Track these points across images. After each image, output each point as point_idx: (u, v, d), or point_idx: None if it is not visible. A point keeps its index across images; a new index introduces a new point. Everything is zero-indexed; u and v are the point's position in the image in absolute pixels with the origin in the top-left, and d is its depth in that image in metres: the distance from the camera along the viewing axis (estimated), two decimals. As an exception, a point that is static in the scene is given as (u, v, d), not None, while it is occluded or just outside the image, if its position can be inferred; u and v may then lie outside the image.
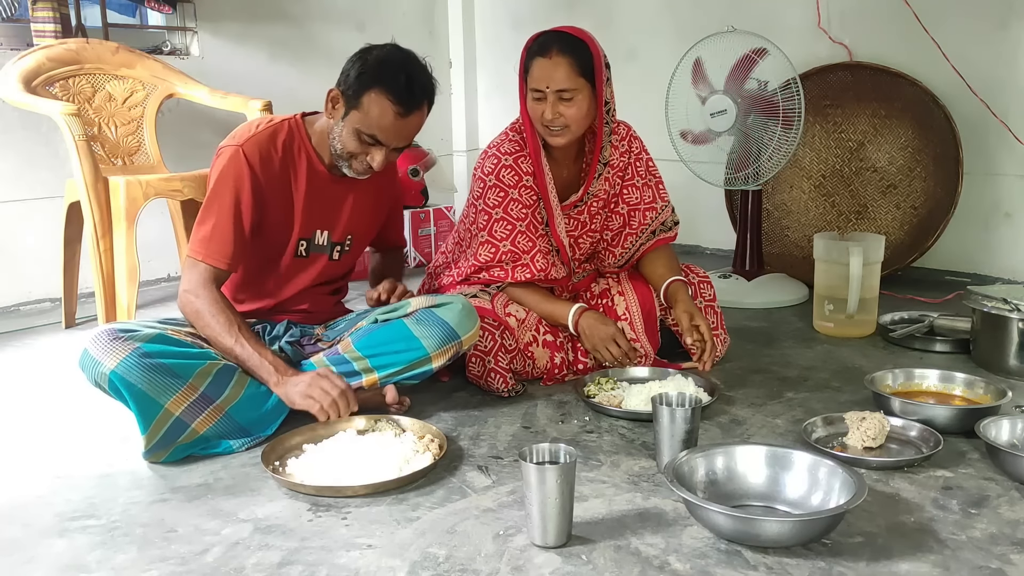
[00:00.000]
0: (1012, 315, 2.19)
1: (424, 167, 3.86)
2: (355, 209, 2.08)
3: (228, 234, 1.88)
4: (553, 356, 2.20)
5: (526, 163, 2.21)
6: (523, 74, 2.15)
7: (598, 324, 2.16)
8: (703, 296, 2.35)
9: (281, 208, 1.97)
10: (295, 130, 1.99)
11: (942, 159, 3.22)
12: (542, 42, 2.11)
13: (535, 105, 2.13)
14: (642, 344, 2.27)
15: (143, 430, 1.70)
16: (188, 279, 1.88)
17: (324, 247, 2.06)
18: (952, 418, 1.83)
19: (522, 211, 2.20)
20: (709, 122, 2.94)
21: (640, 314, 2.29)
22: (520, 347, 2.17)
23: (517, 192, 2.20)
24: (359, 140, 1.90)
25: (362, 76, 1.86)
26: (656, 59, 3.72)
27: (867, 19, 3.45)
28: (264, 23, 3.72)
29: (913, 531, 1.43)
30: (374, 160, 1.91)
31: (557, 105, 2.09)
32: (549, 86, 2.08)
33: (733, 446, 1.57)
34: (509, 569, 1.33)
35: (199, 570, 1.35)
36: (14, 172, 3.06)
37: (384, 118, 1.87)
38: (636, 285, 2.34)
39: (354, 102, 1.88)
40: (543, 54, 2.09)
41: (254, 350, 1.83)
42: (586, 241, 2.34)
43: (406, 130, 1.91)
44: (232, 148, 1.91)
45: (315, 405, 1.79)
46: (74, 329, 2.88)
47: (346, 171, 1.96)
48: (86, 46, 2.94)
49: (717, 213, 3.69)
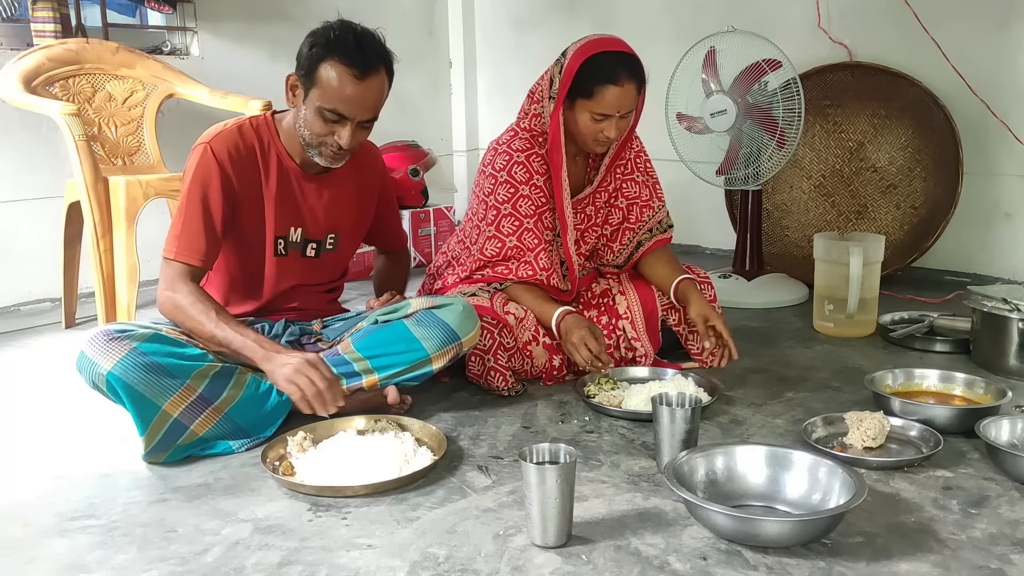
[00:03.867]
0: (1012, 315, 2.18)
1: (424, 167, 3.86)
2: (334, 206, 2.05)
3: (199, 231, 1.87)
4: (552, 358, 2.19)
5: (538, 162, 2.22)
6: (569, 85, 2.11)
7: (575, 326, 2.12)
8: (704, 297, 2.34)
9: (253, 206, 1.95)
10: (264, 127, 1.97)
11: (942, 159, 3.22)
12: (607, 67, 2.08)
13: (593, 125, 2.12)
14: (643, 343, 2.27)
15: (141, 432, 1.70)
16: (164, 278, 1.88)
17: (298, 244, 2.03)
18: (952, 418, 1.83)
19: (531, 208, 2.20)
20: (709, 120, 2.94)
21: (641, 313, 2.29)
22: (519, 345, 2.17)
23: (527, 189, 2.20)
24: (323, 119, 1.85)
25: (313, 50, 1.84)
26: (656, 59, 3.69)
27: (867, 19, 3.45)
28: (264, 23, 3.72)
29: (913, 531, 1.43)
30: (341, 138, 1.86)
31: (618, 123, 2.12)
32: (619, 111, 2.10)
33: (733, 446, 1.57)
34: (509, 569, 1.33)
35: (199, 570, 1.35)
36: (14, 172, 3.06)
37: (343, 87, 1.82)
38: (637, 285, 2.34)
39: (310, 80, 1.84)
40: (615, 82, 2.07)
41: (235, 331, 1.80)
42: (591, 236, 2.35)
43: (367, 98, 1.86)
44: (201, 146, 1.90)
45: (297, 393, 1.75)
46: (74, 329, 2.88)
47: (319, 160, 1.93)
48: (86, 46, 2.94)
49: (717, 213, 3.69)
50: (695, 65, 2.97)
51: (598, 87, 2.08)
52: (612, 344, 2.27)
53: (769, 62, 2.85)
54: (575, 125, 2.16)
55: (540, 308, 2.21)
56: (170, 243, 1.89)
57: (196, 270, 1.89)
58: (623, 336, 2.28)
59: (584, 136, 2.16)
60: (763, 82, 2.92)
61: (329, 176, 2.01)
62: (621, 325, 2.26)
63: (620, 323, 2.27)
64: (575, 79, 2.10)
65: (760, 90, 2.93)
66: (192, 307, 1.83)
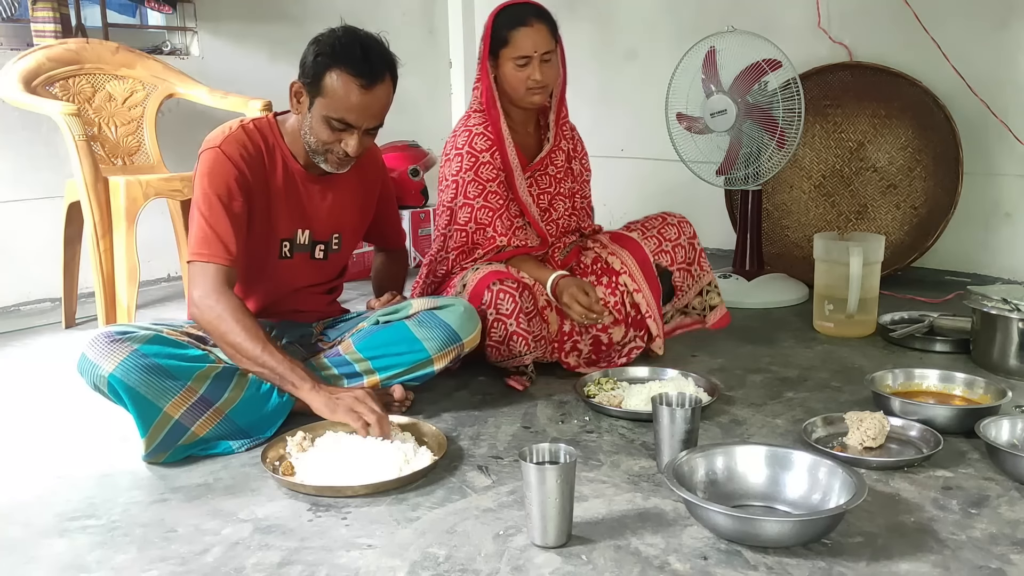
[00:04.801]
0: (1012, 315, 2.18)
1: (424, 167, 3.86)
2: (338, 206, 2.05)
3: (227, 230, 1.84)
4: (562, 324, 2.26)
5: (482, 140, 2.27)
6: (490, 48, 2.24)
7: (566, 287, 2.20)
8: (684, 233, 2.42)
9: (261, 208, 1.94)
10: (267, 129, 1.96)
11: (942, 159, 3.21)
12: (514, 13, 2.22)
13: (519, 72, 2.21)
14: (644, 293, 2.31)
15: (143, 433, 1.70)
16: (200, 284, 1.82)
17: (306, 246, 2.03)
18: (952, 418, 1.83)
19: (478, 187, 2.26)
20: (709, 120, 2.94)
21: (635, 263, 2.33)
22: (538, 309, 2.21)
23: (473, 173, 2.26)
24: (329, 127, 1.85)
25: (318, 59, 1.83)
26: (656, 59, 3.72)
27: (867, 19, 3.45)
28: (264, 23, 3.73)
29: (913, 531, 1.43)
30: (348, 146, 1.86)
31: (541, 67, 2.20)
32: (536, 50, 2.19)
33: (733, 446, 1.57)
34: (509, 569, 1.33)
35: (199, 570, 1.35)
36: (14, 172, 3.06)
37: (349, 96, 1.82)
38: (626, 244, 2.38)
39: (316, 88, 1.84)
40: (523, 23, 2.20)
41: (284, 357, 1.78)
42: (560, 205, 2.41)
43: (374, 106, 1.86)
44: (212, 150, 1.87)
45: (359, 421, 1.71)
46: (74, 329, 2.88)
47: (324, 166, 1.92)
48: (86, 46, 2.94)
49: (717, 213, 3.68)
50: (695, 65, 2.97)
51: (510, 32, 2.21)
52: (617, 301, 2.31)
53: (769, 62, 2.85)
54: (506, 82, 2.24)
55: (536, 273, 2.27)
56: (198, 246, 1.83)
57: (229, 271, 1.84)
58: (626, 291, 2.32)
59: (516, 88, 2.23)
60: (763, 82, 2.92)
61: (332, 177, 2.00)
62: (621, 280, 2.31)
63: (620, 279, 2.32)
64: (492, 34, 2.23)
65: (760, 90, 2.93)
66: (238, 322, 1.77)
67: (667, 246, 2.39)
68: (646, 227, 2.41)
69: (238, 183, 1.87)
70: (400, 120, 4.23)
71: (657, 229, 2.40)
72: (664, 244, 2.39)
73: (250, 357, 1.77)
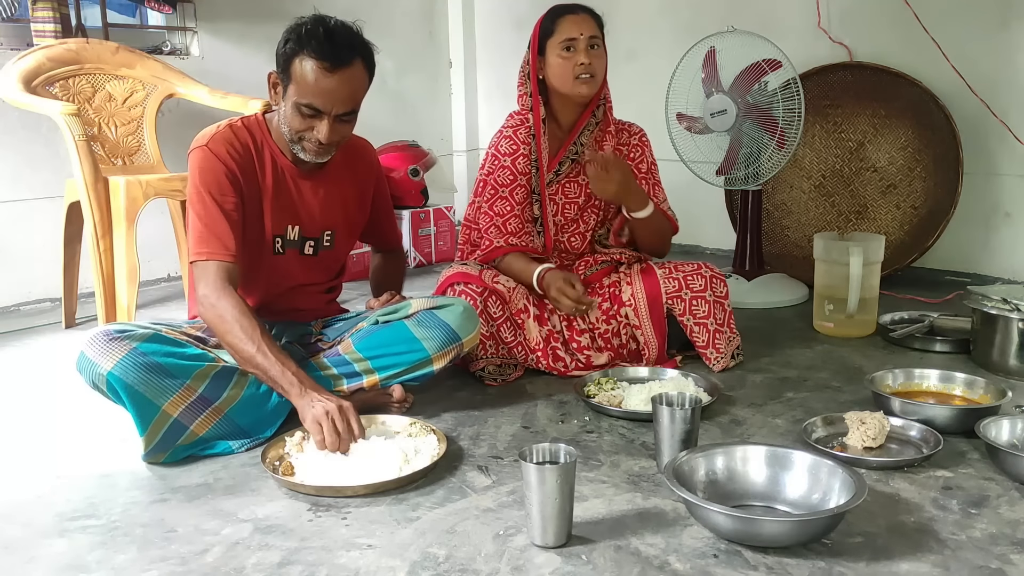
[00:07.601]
0: (1012, 315, 2.19)
1: (424, 167, 3.86)
2: (329, 203, 2.04)
3: (224, 227, 1.84)
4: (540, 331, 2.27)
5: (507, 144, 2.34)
6: (539, 40, 2.29)
7: (553, 280, 2.22)
8: (714, 291, 2.30)
9: (252, 204, 1.94)
10: (255, 126, 1.96)
11: (942, 159, 3.22)
12: (561, 7, 2.30)
13: (565, 61, 2.24)
14: (644, 331, 2.28)
15: (141, 432, 1.70)
16: (203, 284, 1.82)
17: (295, 242, 2.02)
18: (952, 418, 1.83)
19: (491, 191, 2.34)
20: (709, 120, 2.94)
21: (645, 300, 2.29)
22: (512, 313, 2.23)
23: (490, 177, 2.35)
24: (300, 114, 1.84)
25: (287, 46, 1.83)
26: (656, 59, 3.71)
27: (867, 19, 3.45)
28: (264, 23, 3.72)
29: (913, 531, 1.43)
30: (319, 132, 1.84)
31: (588, 52, 2.24)
32: (583, 33, 2.24)
33: (733, 446, 1.57)
34: (509, 569, 1.33)
35: (199, 570, 1.35)
36: (14, 172, 3.07)
37: (315, 81, 1.80)
38: (645, 276, 2.34)
39: (287, 75, 1.84)
40: (570, 12, 2.28)
41: (276, 359, 1.76)
42: (591, 218, 2.41)
43: (341, 91, 1.83)
44: (199, 149, 1.88)
45: (318, 435, 1.69)
46: (74, 329, 2.88)
47: (303, 155, 1.91)
48: (86, 46, 2.94)
49: (717, 213, 3.69)
50: (695, 65, 2.97)
51: (556, 21, 2.28)
52: (612, 331, 2.30)
53: (769, 62, 2.85)
54: (553, 75, 2.28)
55: (524, 268, 2.29)
56: (197, 246, 1.84)
57: (230, 267, 1.83)
58: (625, 323, 2.30)
59: (563, 78, 2.26)
60: (763, 82, 2.92)
61: (324, 173, 2.00)
62: (624, 312, 2.29)
63: (623, 310, 2.30)
64: (540, 30, 2.30)
65: (760, 90, 2.93)
66: (236, 321, 1.76)
67: (686, 294, 2.28)
68: (676, 268, 2.32)
69: (228, 179, 1.87)
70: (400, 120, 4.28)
71: (685, 275, 2.30)
72: (683, 292, 2.28)
73: (245, 358, 1.77)
